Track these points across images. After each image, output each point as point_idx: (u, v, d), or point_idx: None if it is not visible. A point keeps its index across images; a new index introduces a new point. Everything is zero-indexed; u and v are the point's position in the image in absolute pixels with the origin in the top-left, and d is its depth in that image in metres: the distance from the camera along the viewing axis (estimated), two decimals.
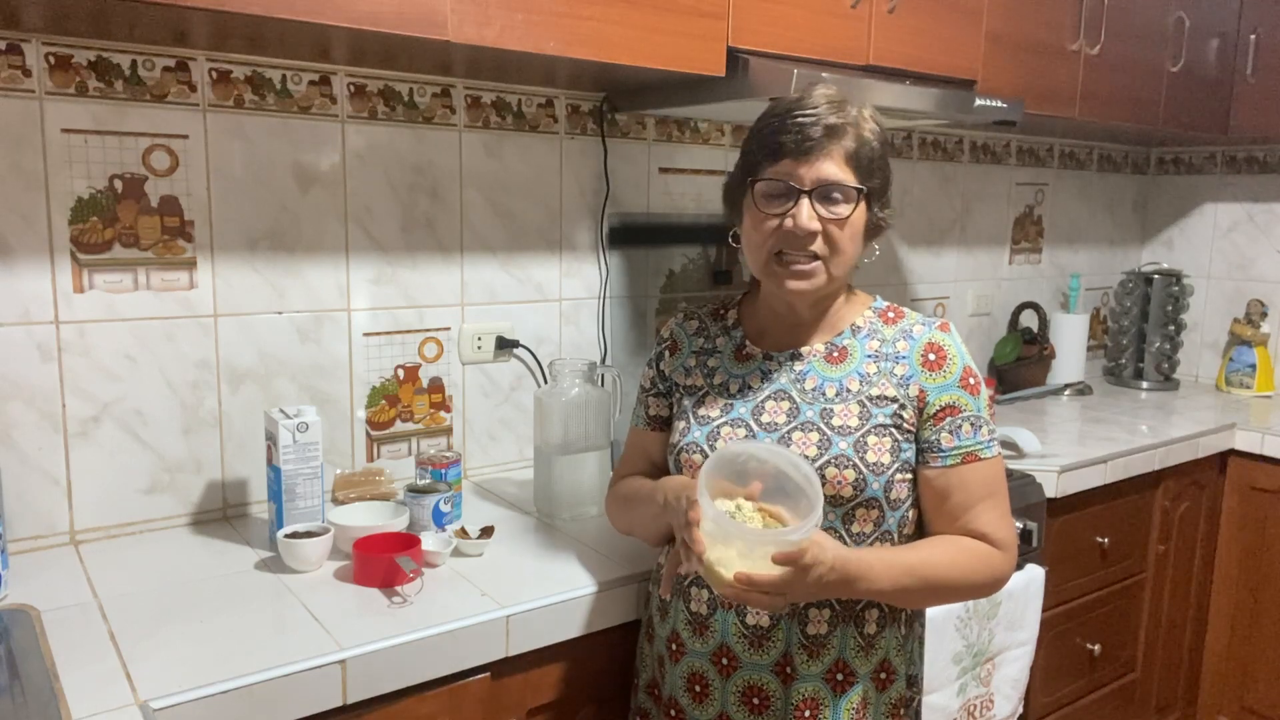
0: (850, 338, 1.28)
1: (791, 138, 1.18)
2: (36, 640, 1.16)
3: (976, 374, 1.26)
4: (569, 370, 1.67)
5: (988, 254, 2.89)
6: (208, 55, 1.55)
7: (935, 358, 1.24)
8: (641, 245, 2.09)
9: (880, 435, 1.20)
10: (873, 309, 1.31)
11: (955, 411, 1.22)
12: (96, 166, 1.48)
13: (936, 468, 1.22)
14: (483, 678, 1.28)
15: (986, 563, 1.22)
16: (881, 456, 1.20)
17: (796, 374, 1.27)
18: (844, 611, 1.22)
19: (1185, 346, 3.14)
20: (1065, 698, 2.23)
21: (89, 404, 1.50)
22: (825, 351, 1.28)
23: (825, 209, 1.19)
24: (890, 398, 1.22)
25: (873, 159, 1.22)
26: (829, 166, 1.18)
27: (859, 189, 1.20)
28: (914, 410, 1.22)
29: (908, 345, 1.25)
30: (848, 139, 1.20)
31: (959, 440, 1.22)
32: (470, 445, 1.91)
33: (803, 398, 1.25)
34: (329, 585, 1.36)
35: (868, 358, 1.26)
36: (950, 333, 1.27)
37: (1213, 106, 2.74)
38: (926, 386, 1.22)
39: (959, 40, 2.04)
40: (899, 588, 1.16)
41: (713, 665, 1.24)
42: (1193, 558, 2.53)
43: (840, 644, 1.22)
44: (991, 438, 1.24)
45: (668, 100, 1.87)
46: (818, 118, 1.18)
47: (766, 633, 1.21)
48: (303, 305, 1.69)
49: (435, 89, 1.78)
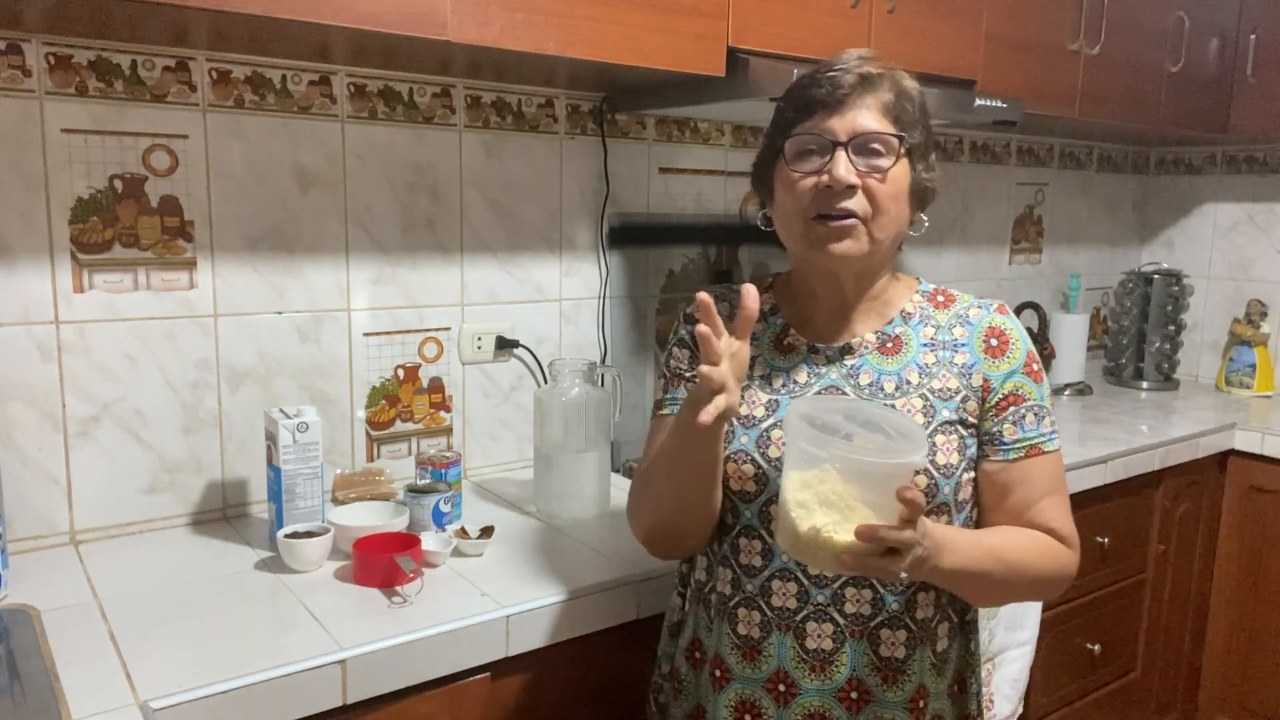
0: (902, 325, 1.18)
1: (823, 90, 1.09)
2: (36, 640, 1.16)
3: (1039, 360, 1.17)
4: (569, 370, 1.67)
5: (988, 254, 2.89)
6: (208, 55, 1.55)
7: (998, 343, 1.15)
8: (641, 245, 2.09)
9: (947, 433, 1.11)
10: (920, 292, 1.22)
11: (1019, 400, 1.13)
12: (96, 166, 1.48)
13: (998, 461, 1.13)
14: (483, 678, 1.28)
15: (1056, 557, 1.14)
16: (950, 457, 1.11)
17: (849, 368, 1.16)
18: (920, 632, 1.13)
19: (1185, 346, 3.14)
20: (1065, 698, 2.23)
21: (89, 404, 1.50)
22: (878, 342, 1.17)
23: (864, 161, 1.09)
24: (953, 389, 1.13)
25: (913, 112, 1.12)
26: (866, 117, 1.09)
27: (900, 137, 1.09)
28: (977, 401, 1.13)
29: (966, 331, 1.16)
30: (884, 90, 1.10)
31: (1022, 432, 1.13)
32: (470, 445, 1.91)
33: (858, 394, 1.14)
34: (329, 585, 1.36)
35: (924, 347, 1.16)
36: (1009, 314, 1.19)
37: (1213, 106, 2.74)
38: (990, 375, 1.14)
39: (959, 40, 2.05)
40: (980, 568, 1.06)
41: (767, 693, 1.13)
42: (1193, 558, 2.53)
43: (919, 669, 1.13)
44: (1053, 429, 1.16)
45: (668, 100, 1.87)
46: (849, 68, 1.09)
47: (830, 656, 1.10)
48: (303, 305, 1.69)
49: (435, 89, 1.78)
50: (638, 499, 1.23)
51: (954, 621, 1.17)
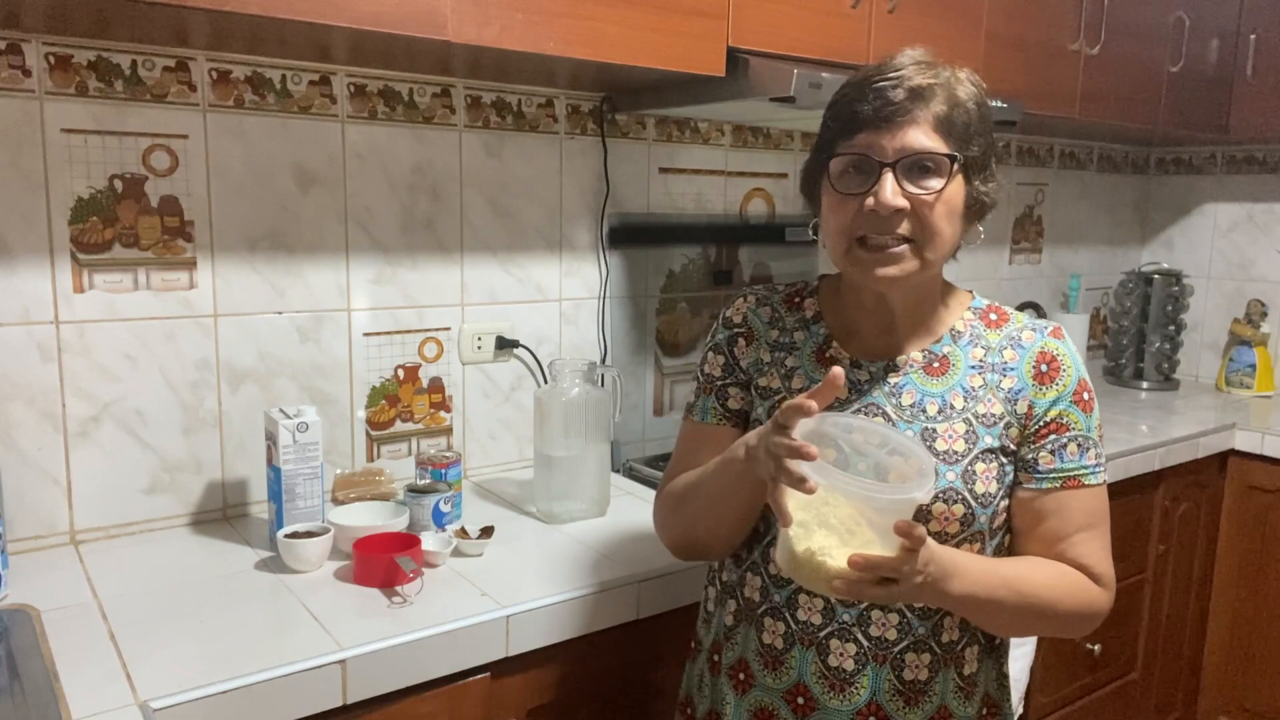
0: (951, 345, 1.13)
1: (870, 105, 1.02)
2: (36, 640, 1.16)
3: (1091, 389, 1.11)
4: (569, 370, 1.67)
5: (988, 254, 2.89)
6: (208, 55, 1.55)
7: (1048, 369, 1.10)
8: (641, 245, 2.09)
9: (987, 461, 1.06)
10: (972, 309, 1.17)
11: (1062, 429, 1.08)
12: (96, 166, 1.47)
13: (1030, 489, 1.09)
14: (483, 678, 1.28)
15: (1084, 592, 1.08)
16: (989, 485, 1.06)
17: (892, 387, 1.11)
18: (945, 655, 1.10)
19: (1185, 346, 3.14)
20: (1065, 698, 2.23)
21: (89, 404, 1.50)
22: (924, 361, 1.12)
23: (913, 184, 1.02)
24: (998, 415, 1.08)
25: (969, 124, 1.04)
26: (915, 134, 1.02)
27: (952, 157, 1.02)
28: (1019, 428, 1.09)
29: (1016, 355, 1.11)
30: (937, 102, 1.02)
31: (1061, 462, 1.08)
32: (470, 445, 1.91)
33: (899, 415, 1.09)
34: (329, 585, 1.36)
35: (971, 369, 1.11)
36: (1064, 339, 1.13)
37: (1213, 106, 2.74)
38: (1036, 401, 1.09)
39: (959, 40, 2.05)
40: (992, 597, 1.02)
41: (786, 704, 1.11)
42: (1193, 558, 2.53)
43: (942, 690, 1.10)
44: (1099, 462, 1.10)
45: (668, 100, 1.87)
46: (900, 80, 1.02)
47: (850, 677, 1.08)
48: (303, 305, 1.69)
49: (435, 89, 1.78)
50: (669, 514, 1.22)
51: (983, 644, 1.14)
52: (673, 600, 1.43)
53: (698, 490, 1.14)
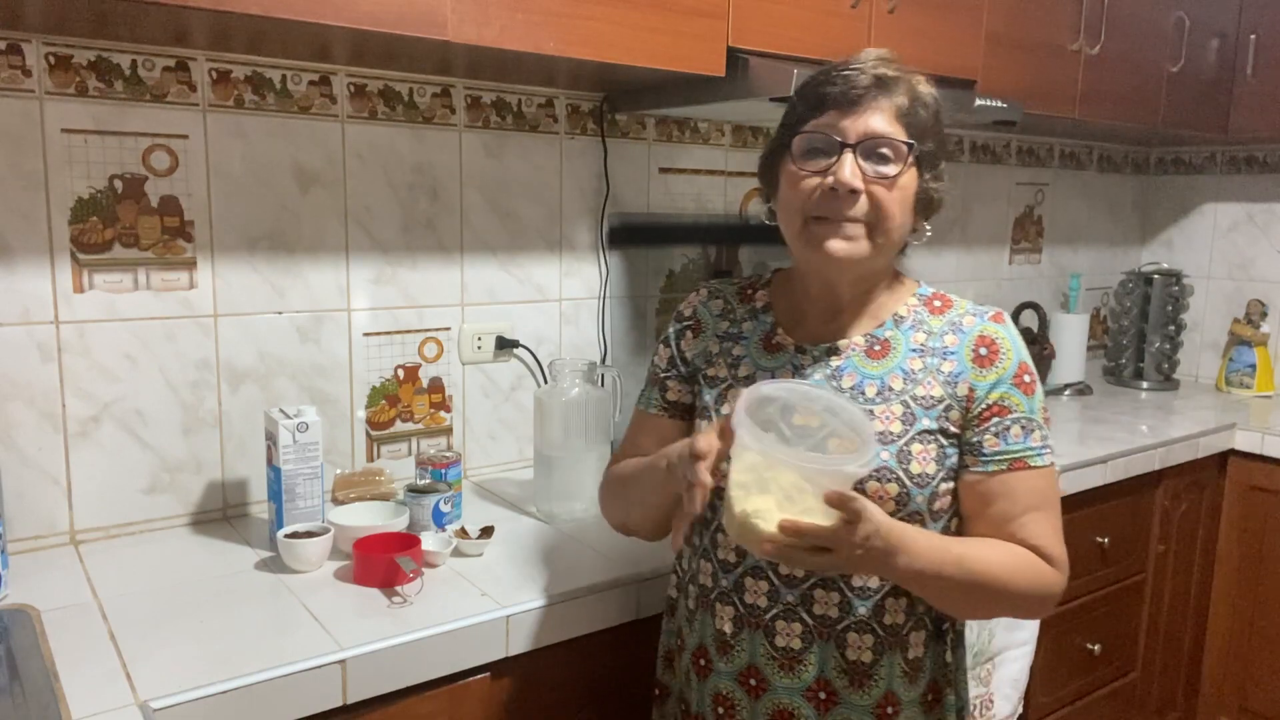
0: (893, 329, 1.16)
1: (837, 89, 1.07)
2: (36, 640, 1.16)
3: (1033, 371, 1.13)
4: (569, 370, 1.67)
5: (988, 254, 2.89)
6: (208, 55, 1.55)
7: (987, 352, 1.11)
8: (641, 245, 2.09)
9: (925, 442, 1.09)
10: (917, 296, 1.19)
11: (1004, 411, 1.10)
12: (96, 166, 1.47)
13: (976, 473, 1.10)
14: (483, 678, 1.28)
15: (1038, 574, 1.09)
16: (926, 466, 1.08)
17: (833, 370, 1.14)
18: (889, 637, 1.11)
19: (1185, 346, 3.14)
20: (1065, 698, 2.23)
21: (89, 404, 1.50)
22: (865, 345, 1.15)
23: (871, 166, 1.07)
24: (936, 398, 1.10)
25: (927, 121, 1.10)
26: (877, 120, 1.07)
27: (910, 144, 1.07)
28: (960, 410, 1.11)
29: (957, 339, 1.13)
30: (899, 93, 1.08)
31: (1005, 444, 1.09)
32: (470, 445, 1.91)
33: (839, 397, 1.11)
34: (329, 585, 1.36)
35: (912, 352, 1.13)
36: (1005, 323, 1.15)
37: (1213, 106, 2.74)
38: (976, 384, 1.10)
39: (959, 40, 2.05)
40: (940, 574, 1.03)
41: (739, 686, 1.14)
42: (1193, 558, 2.53)
43: (888, 675, 1.11)
44: (1044, 444, 1.12)
45: (668, 100, 1.87)
46: (865, 69, 1.07)
47: (798, 655, 1.11)
48: (303, 305, 1.69)
49: (435, 89, 1.78)
50: (610, 498, 1.30)
51: (930, 630, 1.15)
52: None
53: (631, 484, 1.22)
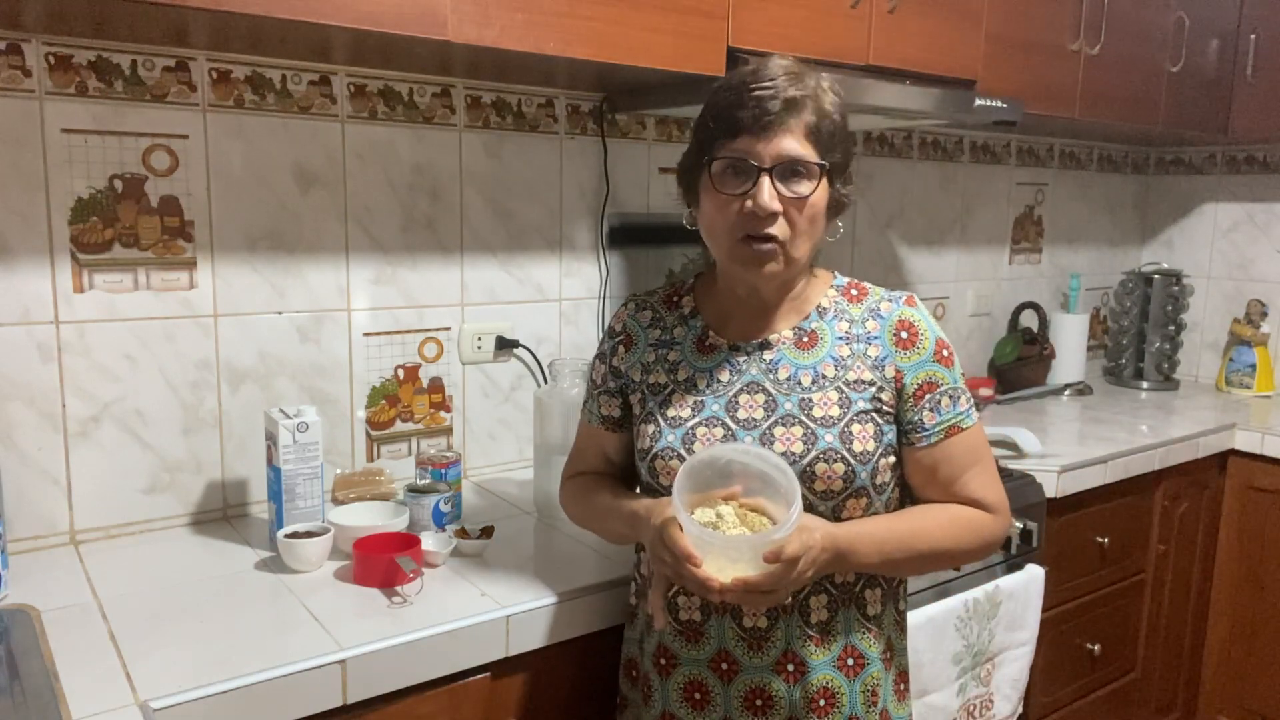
0: (818, 320, 1.24)
1: (749, 113, 1.12)
2: (36, 640, 1.16)
3: (948, 345, 1.23)
4: (569, 370, 1.67)
5: (988, 254, 2.89)
6: (208, 55, 1.55)
7: (908, 335, 1.20)
8: (641, 245, 2.09)
9: (863, 422, 1.17)
10: (835, 287, 1.27)
11: (933, 387, 1.19)
12: (96, 166, 1.48)
13: (923, 447, 1.20)
14: (483, 678, 1.28)
15: (977, 529, 1.21)
16: (866, 444, 1.16)
17: (767, 364, 1.22)
18: (841, 595, 1.19)
19: (1185, 346, 3.14)
20: (1065, 698, 2.23)
21: (89, 404, 1.50)
22: (795, 338, 1.23)
23: (786, 187, 1.13)
24: (867, 381, 1.19)
25: (834, 132, 1.16)
26: (789, 142, 1.13)
27: (821, 165, 1.14)
28: (892, 391, 1.19)
29: (878, 325, 1.22)
30: (807, 112, 1.13)
31: (940, 416, 1.19)
32: (470, 445, 1.91)
33: (778, 389, 1.20)
34: (329, 585, 1.36)
35: (839, 340, 1.22)
36: (917, 306, 1.24)
37: (1213, 106, 2.74)
38: (902, 366, 1.19)
39: (959, 40, 2.04)
40: (887, 560, 1.16)
41: (712, 672, 1.19)
42: (1193, 558, 2.53)
43: (845, 628, 1.19)
44: (970, 406, 1.22)
45: (668, 100, 1.87)
46: (776, 90, 1.12)
47: (765, 633, 1.17)
48: (303, 305, 1.69)
49: (435, 89, 1.78)
50: (572, 507, 1.38)
51: (885, 588, 1.24)
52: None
53: (596, 515, 1.31)
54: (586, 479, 1.37)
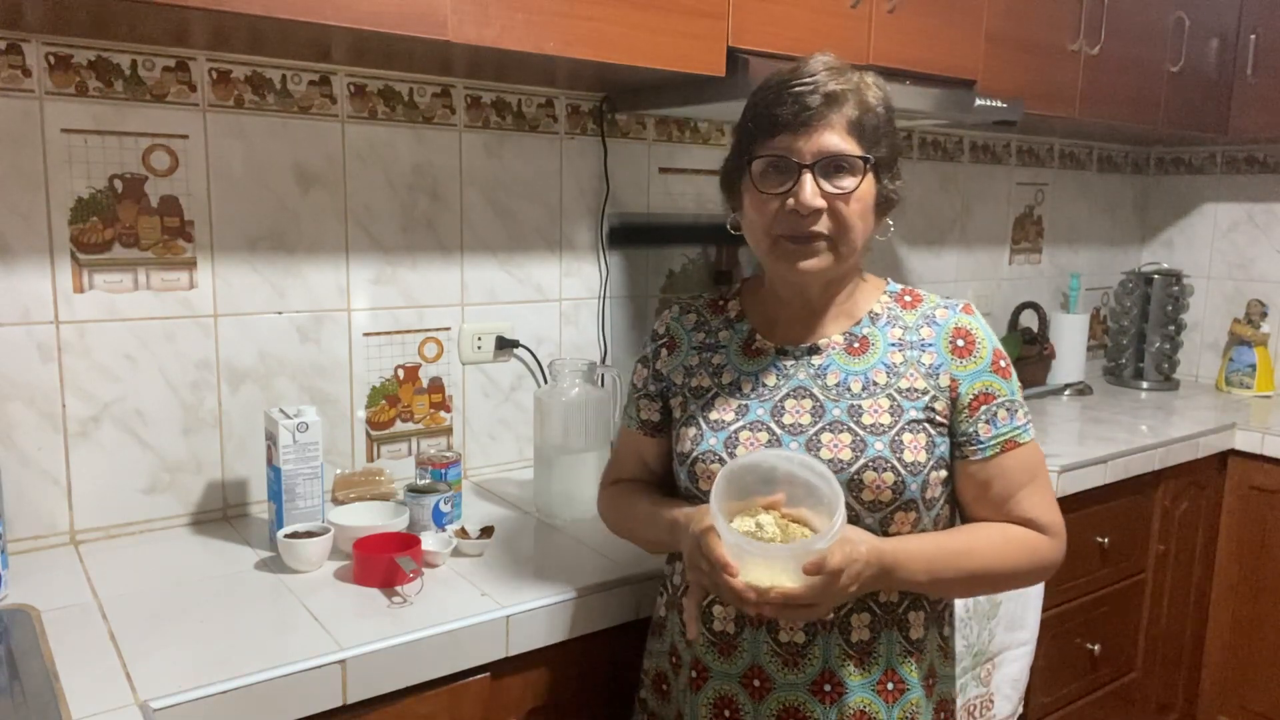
0: (870, 326, 1.19)
1: (788, 109, 1.09)
2: (36, 640, 1.16)
3: (1006, 356, 1.18)
4: (569, 370, 1.67)
5: (988, 254, 2.89)
6: (208, 55, 1.55)
7: (964, 343, 1.16)
8: (641, 245, 2.09)
9: (914, 432, 1.12)
10: (888, 293, 1.23)
11: (990, 399, 1.15)
12: (96, 166, 1.48)
13: (977, 460, 1.15)
14: (483, 678, 1.28)
15: (1032, 551, 1.15)
16: (918, 455, 1.11)
17: (816, 369, 1.17)
18: (885, 616, 1.14)
19: (1185, 346, 3.14)
20: (1065, 698, 2.23)
21: (89, 404, 1.50)
22: (845, 343, 1.19)
23: (829, 183, 1.10)
24: (920, 389, 1.14)
25: (878, 126, 1.13)
26: (830, 137, 1.09)
27: (865, 158, 1.11)
28: (946, 401, 1.14)
29: (933, 332, 1.17)
30: (849, 106, 1.10)
31: (996, 428, 1.14)
32: (470, 445, 1.91)
33: (826, 395, 1.15)
34: (329, 585, 1.36)
35: (891, 347, 1.17)
36: (975, 315, 1.19)
37: (1213, 106, 2.74)
38: (958, 375, 1.15)
39: (959, 40, 2.04)
40: (935, 578, 1.09)
41: (743, 688, 1.14)
42: (1193, 558, 2.53)
43: (888, 651, 1.14)
44: (1027, 420, 1.17)
45: (668, 100, 1.87)
46: (815, 85, 1.09)
47: (802, 649, 1.12)
48: (303, 305, 1.69)
49: (435, 89, 1.78)
50: (610, 514, 1.35)
51: (928, 611, 1.18)
52: None
53: (634, 523, 1.28)
54: (624, 486, 1.33)
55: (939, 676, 1.20)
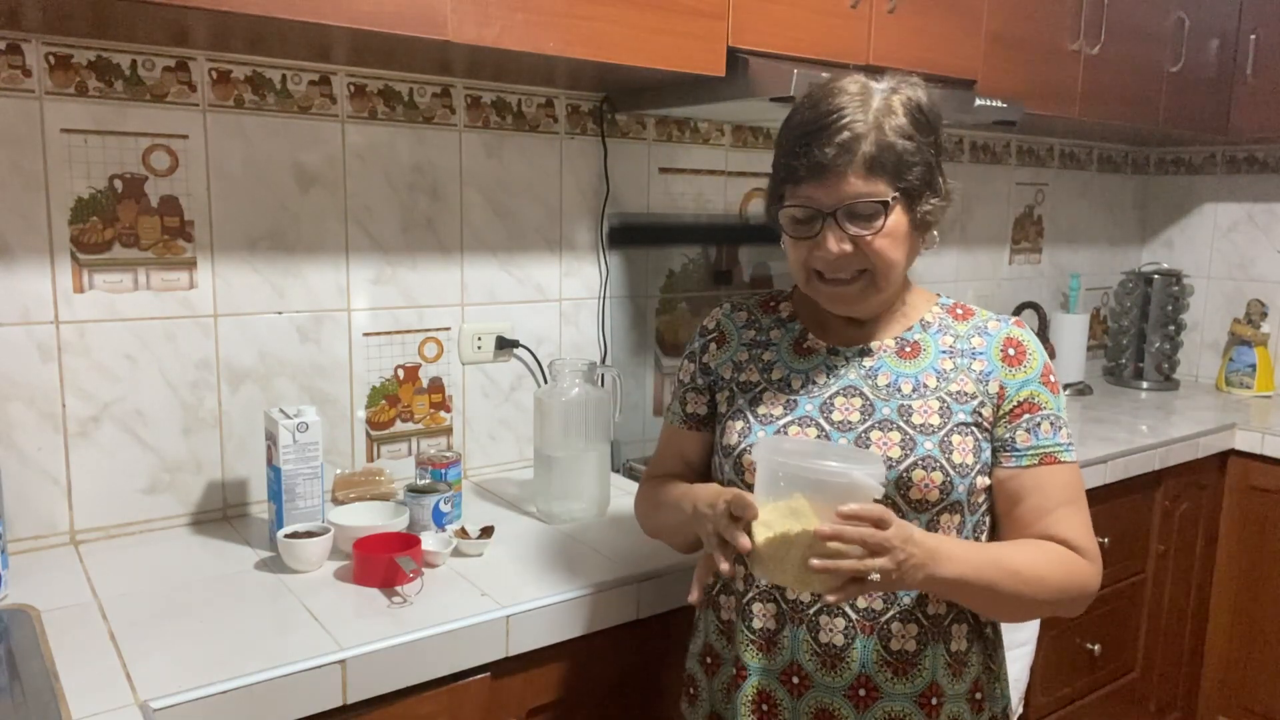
0: (921, 332, 1.21)
1: (805, 162, 1.10)
2: (36, 640, 1.16)
3: (1055, 374, 1.19)
4: (569, 370, 1.67)
5: (988, 254, 2.89)
6: (208, 55, 1.55)
7: (1015, 352, 1.17)
8: (641, 245, 2.09)
9: (963, 434, 1.13)
10: (940, 305, 1.24)
11: (1034, 408, 1.15)
12: (96, 166, 1.47)
13: (1010, 468, 1.14)
14: (483, 678, 1.28)
15: (1075, 570, 1.11)
16: (966, 457, 1.12)
17: (867, 369, 1.19)
18: (932, 627, 1.14)
19: (1185, 346, 3.14)
20: (1065, 698, 2.23)
21: (89, 404, 1.50)
22: (896, 347, 1.20)
23: (855, 226, 1.10)
24: (969, 394, 1.15)
25: (902, 155, 1.10)
26: (850, 184, 1.09)
27: (885, 201, 1.10)
28: (992, 406, 1.15)
29: (984, 341, 1.18)
30: (867, 144, 1.08)
31: (1036, 439, 1.14)
32: (470, 445, 1.91)
33: (876, 394, 1.16)
34: (329, 585, 1.36)
35: (942, 353, 1.18)
36: (1025, 329, 1.21)
37: (1213, 106, 2.74)
38: (1007, 382, 1.15)
39: (959, 40, 2.05)
40: (983, 578, 1.05)
41: (782, 685, 1.15)
42: (1193, 558, 2.53)
43: (932, 665, 1.13)
44: (1070, 441, 1.17)
45: (668, 100, 1.87)
46: (828, 136, 1.08)
47: (841, 652, 1.12)
48: (303, 305, 1.69)
49: (435, 89, 1.78)
50: (644, 510, 1.36)
51: (971, 624, 1.17)
52: (673, 600, 1.43)
53: (664, 510, 1.27)
54: (661, 480, 1.33)
55: (988, 696, 1.19)
